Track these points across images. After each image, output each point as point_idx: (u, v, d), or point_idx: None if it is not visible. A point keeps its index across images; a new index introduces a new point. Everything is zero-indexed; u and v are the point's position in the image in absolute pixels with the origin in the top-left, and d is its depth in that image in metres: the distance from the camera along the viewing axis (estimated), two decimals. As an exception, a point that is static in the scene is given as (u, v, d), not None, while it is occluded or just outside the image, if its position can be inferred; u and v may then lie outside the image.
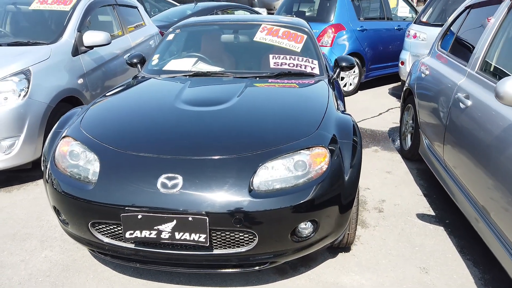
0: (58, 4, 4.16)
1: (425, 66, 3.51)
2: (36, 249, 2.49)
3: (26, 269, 2.30)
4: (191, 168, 1.87)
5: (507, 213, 1.89)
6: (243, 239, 1.87)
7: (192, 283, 2.21)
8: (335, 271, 2.31)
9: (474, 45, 2.76)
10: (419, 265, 2.37)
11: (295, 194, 1.86)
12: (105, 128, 2.19)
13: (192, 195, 1.79)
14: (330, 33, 6.00)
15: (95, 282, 2.20)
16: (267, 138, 2.07)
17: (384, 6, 6.73)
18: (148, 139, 2.07)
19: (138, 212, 1.77)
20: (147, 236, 1.81)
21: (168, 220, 1.77)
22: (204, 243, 1.80)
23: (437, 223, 2.82)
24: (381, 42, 6.57)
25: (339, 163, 2.05)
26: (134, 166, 1.90)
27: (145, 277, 2.25)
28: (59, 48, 3.70)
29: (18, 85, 3.20)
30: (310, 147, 2.02)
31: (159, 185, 1.81)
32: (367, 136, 4.59)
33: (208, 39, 3.52)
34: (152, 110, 2.39)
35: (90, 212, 1.86)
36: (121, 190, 1.83)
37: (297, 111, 2.40)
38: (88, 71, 3.99)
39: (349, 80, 6.33)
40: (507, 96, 1.77)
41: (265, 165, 1.91)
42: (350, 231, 2.28)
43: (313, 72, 3.14)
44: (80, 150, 2.05)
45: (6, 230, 2.69)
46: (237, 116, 2.28)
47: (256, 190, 1.84)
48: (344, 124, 2.31)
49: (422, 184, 3.42)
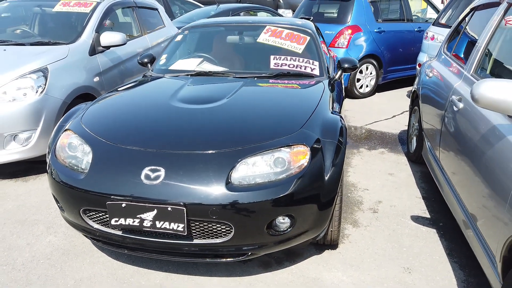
0: (79, 7, 4.40)
1: (430, 69, 3.49)
2: (42, 234, 2.68)
3: (30, 252, 2.50)
4: (173, 161, 1.99)
5: (490, 222, 1.90)
6: (220, 231, 1.97)
7: (179, 271, 2.33)
8: (318, 267, 2.37)
9: (473, 47, 2.74)
10: (403, 265, 2.39)
11: (271, 189, 1.94)
12: (102, 123, 2.35)
13: (172, 187, 1.91)
14: (346, 35, 6.00)
15: (90, 266, 2.36)
16: (249, 135, 2.16)
17: (405, 8, 6.66)
18: (138, 134, 2.21)
19: (122, 201, 1.91)
20: (131, 223, 1.94)
21: (149, 209, 1.90)
22: (182, 232, 1.91)
23: (430, 226, 2.82)
24: (399, 44, 6.50)
25: (320, 162, 2.12)
26: (121, 158, 2.04)
27: (137, 264, 2.39)
28: (76, 48, 3.93)
29: (36, 82, 3.43)
30: (291, 144, 2.10)
31: (142, 176, 1.94)
32: (376, 138, 4.59)
33: (214, 40, 3.65)
34: (147, 107, 2.53)
35: (81, 199, 2.01)
36: (108, 180, 1.98)
37: (285, 110, 2.47)
38: (104, 70, 4.20)
39: (365, 82, 6.31)
40: (482, 99, 1.78)
41: (245, 161, 2.00)
42: (333, 228, 2.33)
43: (312, 73, 3.20)
44: (78, 143, 2.22)
45: (18, 216, 2.91)
46: (225, 114, 2.38)
47: (234, 184, 1.94)
48: (331, 124, 2.37)
49: (423, 187, 3.40)
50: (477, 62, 2.56)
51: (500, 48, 2.40)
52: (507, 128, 1.87)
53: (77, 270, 2.33)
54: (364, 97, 6.38)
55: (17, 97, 3.35)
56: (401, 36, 6.53)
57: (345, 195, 3.24)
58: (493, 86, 1.75)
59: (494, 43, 2.48)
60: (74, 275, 2.29)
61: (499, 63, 2.43)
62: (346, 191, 3.32)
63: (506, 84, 1.73)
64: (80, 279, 2.26)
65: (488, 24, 2.61)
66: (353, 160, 3.95)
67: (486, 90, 1.76)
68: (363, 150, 4.23)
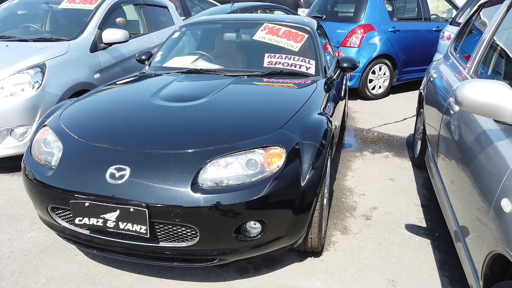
0: (84, 3, 4.42)
1: (435, 70, 3.30)
2: (25, 229, 2.68)
3: (10, 247, 2.49)
4: (140, 160, 1.92)
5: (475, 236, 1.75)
6: (186, 234, 1.89)
7: (152, 274, 2.26)
8: (297, 275, 2.26)
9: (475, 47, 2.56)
10: (388, 277, 2.25)
11: (240, 192, 1.84)
12: (79, 120, 2.31)
13: (136, 187, 1.84)
14: (359, 34, 5.82)
15: (65, 264, 2.33)
16: (223, 134, 2.07)
17: (422, 6, 6.40)
18: (111, 131, 2.15)
19: (86, 200, 1.86)
20: (95, 223, 1.88)
21: (112, 209, 1.84)
22: (144, 235, 1.84)
23: (425, 236, 2.65)
24: (416, 44, 6.25)
25: (297, 165, 2.01)
26: (89, 156, 1.99)
27: (111, 264, 2.34)
28: (77, 44, 3.94)
29: (33, 78, 3.45)
30: (266, 146, 2.00)
31: (107, 175, 1.89)
32: (382, 141, 4.41)
33: (211, 37, 3.58)
34: (127, 105, 2.48)
35: (47, 196, 1.97)
36: (73, 177, 1.93)
37: (267, 110, 2.37)
38: (106, 67, 4.20)
39: (378, 83, 6.10)
40: (466, 101, 1.63)
41: (215, 162, 1.91)
42: (312, 235, 2.21)
43: (307, 72, 3.08)
44: (52, 139, 2.18)
45: (6, 210, 2.92)
46: (203, 112, 2.30)
47: (201, 186, 1.85)
48: (315, 126, 2.25)
49: (424, 194, 3.22)
50: (477, 62, 2.38)
51: (502, 48, 2.22)
52: (493, 134, 1.71)
53: (51, 268, 2.30)
54: (376, 99, 6.18)
55: (14, 92, 3.38)
56: (418, 35, 6.28)
57: (339, 200, 3.10)
58: (477, 88, 1.60)
59: (496, 43, 2.30)
60: (47, 273, 2.26)
61: (501, 63, 2.25)
62: (341, 195, 3.18)
63: (491, 85, 1.58)
64: (52, 277, 2.23)
65: (490, 22, 2.43)
66: (354, 164, 3.80)
67: (470, 92, 1.61)
68: (366, 153, 4.07)
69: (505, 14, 2.27)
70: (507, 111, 1.55)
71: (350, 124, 5.00)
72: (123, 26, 4.77)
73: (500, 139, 1.66)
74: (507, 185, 1.45)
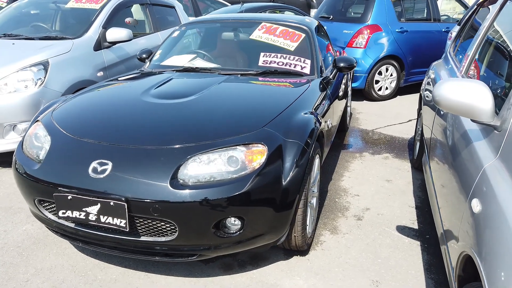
0: (90, 3, 4.51)
1: (433, 71, 3.26)
2: (21, 222, 2.75)
3: (4, 239, 2.56)
4: (122, 155, 1.96)
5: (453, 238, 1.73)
6: (165, 229, 1.91)
7: (138, 268, 2.30)
8: (281, 274, 2.26)
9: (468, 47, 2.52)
10: (373, 278, 2.23)
11: (219, 188, 1.86)
12: (69, 116, 2.36)
13: (116, 181, 1.88)
14: (365, 34, 5.77)
15: (55, 257, 2.39)
16: (206, 131, 2.09)
17: (432, 7, 6.31)
18: (97, 127, 2.19)
19: (68, 193, 1.90)
20: (77, 216, 1.93)
21: (93, 203, 1.87)
22: (124, 228, 1.87)
23: (415, 238, 2.62)
24: (424, 44, 6.16)
25: (278, 163, 2.01)
26: (75, 150, 2.04)
27: (99, 257, 2.38)
28: (81, 43, 4.02)
29: (36, 75, 3.54)
30: (248, 143, 2.01)
31: (90, 169, 1.93)
32: (384, 143, 4.36)
33: (209, 36, 3.61)
34: (117, 102, 2.52)
35: (33, 189, 2.03)
36: (58, 171, 1.98)
37: (253, 108, 2.38)
38: (109, 65, 4.27)
39: (385, 84, 6.04)
40: (443, 100, 1.61)
41: (196, 158, 1.93)
42: (296, 233, 2.21)
43: (302, 72, 3.08)
44: (43, 134, 2.24)
45: (5, 203, 3.00)
46: (189, 109, 2.32)
47: (181, 181, 1.88)
48: (301, 125, 2.25)
49: (420, 196, 3.18)
50: (469, 62, 2.35)
51: (492, 48, 2.18)
52: (473, 134, 1.69)
53: (41, 260, 2.36)
54: (383, 100, 6.12)
55: (18, 89, 3.47)
56: (427, 36, 6.19)
57: (332, 200, 3.09)
58: (454, 87, 1.58)
59: (487, 43, 2.26)
60: (37, 265, 2.32)
61: (491, 64, 2.21)
62: (335, 196, 3.16)
63: (468, 85, 1.55)
64: (41, 268, 2.28)
65: (483, 22, 2.39)
66: (352, 164, 3.78)
67: (447, 91, 1.60)
68: (366, 154, 4.04)
69: (497, 14, 2.24)
70: (483, 111, 1.53)
71: (353, 125, 4.97)
72: (133, 26, 4.86)
73: (477, 139, 1.64)
74: (479, 185, 1.43)
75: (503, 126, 1.48)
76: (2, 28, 4.42)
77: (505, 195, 1.25)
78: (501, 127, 1.48)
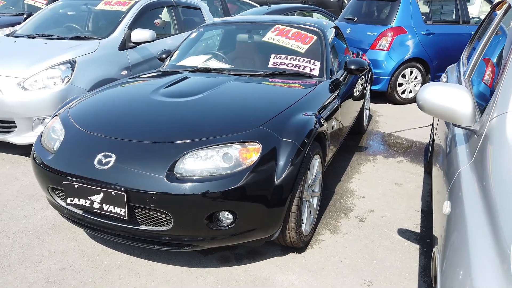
0: (118, 5, 4.75)
1: (445, 74, 3.23)
2: (42, 209, 2.97)
3: (25, 223, 2.78)
4: (125, 149, 2.10)
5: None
6: (162, 219, 2.04)
7: (142, 256, 2.44)
8: (275, 268, 2.34)
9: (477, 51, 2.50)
10: (365, 278, 2.27)
11: (211, 183, 1.96)
12: (84, 111, 2.54)
13: (118, 173, 2.02)
14: (389, 37, 5.72)
15: (67, 241, 2.57)
16: (205, 128, 2.20)
17: (460, 9, 6.16)
18: (106, 122, 2.35)
19: (75, 182, 2.07)
20: (83, 204, 2.09)
21: (97, 192, 2.03)
22: (123, 217, 2.02)
23: (415, 241, 2.62)
24: (451, 47, 6.02)
25: (272, 161, 2.09)
26: (84, 143, 2.20)
27: (107, 244, 2.55)
28: (107, 43, 4.26)
29: (63, 73, 3.79)
30: (243, 141, 2.10)
31: (96, 160, 2.08)
32: (399, 146, 4.33)
33: (224, 38, 3.72)
34: (128, 99, 2.68)
35: (46, 177, 2.21)
36: (67, 161, 2.15)
37: (254, 107, 2.47)
38: (133, 64, 4.49)
39: (408, 87, 5.96)
40: (426, 104, 1.64)
41: (193, 153, 2.05)
42: (290, 230, 2.28)
43: (311, 73, 3.13)
44: (59, 127, 2.43)
45: (29, 191, 3.25)
46: (193, 107, 2.44)
47: (176, 175, 1.99)
48: (299, 126, 2.31)
49: (428, 201, 3.16)
50: (472, 66, 2.33)
51: (491, 53, 2.16)
52: (457, 138, 1.71)
53: (55, 244, 2.55)
54: (406, 103, 6.04)
55: (47, 85, 3.72)
56: (454, 39, 6.05)
57: (337, 201, 3.13)
58: (436, 91, 1.61)
59: (490, 47, 2.25)
60: (51, 248, 2.51)
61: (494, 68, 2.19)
62: (341, 197, 3.20)
63: (449, 89, 1.58)
64: (54, 251, 2.47)
65: (490, 25, 2.37)
66: (364, 167, 3.79)
67: (430, 95, 1.63)
68: (379, 157, 4.03)
69: (501, 18, 2.22)
70: (463, 115, 1.55)
71: (371, 128, 4.95)
72: (161, 27, 5.09)
73: (460, 143, 1.66)
74: (452, 188, 1.46)
75: (481, 130, 1.49)
76: (38, 28, 4.73)
77: (469, 198, 1.28)
78: (479, 131, 1.50)
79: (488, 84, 1.95)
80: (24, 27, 4.80)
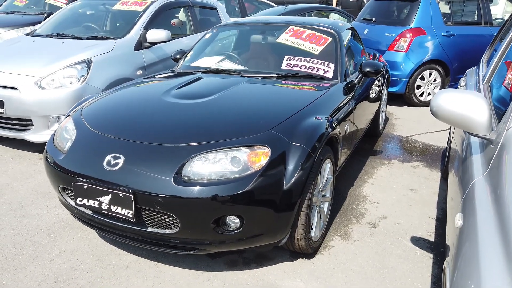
0: (135, 6, 4.79)
1: (464, 78, 3.13)
2: (55, 207, 3.01)
3: (38, 221, 2.82)
4: (133, 150, 2.10)
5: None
6: (169, 222, 2.03)
7: (150, 257, 2.44)
8: (283, 274, 2.31)
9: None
10: (375, 287, 2.21)
11: (218, 187, 1.94)
12: (96, 111, 2.56)
13: (127, 174, 2.02)
14: (407, 38, 5.60)
15: (78, 240, 2.60)
16: (214, 131, 2.18)
17: (483, 10, 5.98)
18: (117, 123, 2.36)
19: (85, 183, 2.07)
20: (92, 205, 2.09)
21: (105, 193, 2.03)
22: (131, 219, 2.01)
23: (429, 250, 2.55)
24: (472, 49, 5.84)
25: (281, 166, 2.06)
26: (94, 143, 2.21)
27: (117, 245, 2.56)
28: (122, 43, 4.29)
29: (79, 72, 3.83)
30: (252, 145, 2.07)
31: (105, 162, 2.09)
32: (416, 151, 4.23)
33: (238, 39, 3.70)
34: (140, 100, 2.68)
35: (57, 177, 2.23)
36: (77, 161, 2.16)
37: (265, 110, 2.44)
38: (148, 64, 4.51)
39: (427, 90, 5.83)
40: (439, 111, 1.58)
41: (201, 156, 2.03)
42: (299, 236, 2.24)
43: (325, 76, 3.08)
44: (71, 127, 2.45)
45: (44, 189, 3.29)
46: (204, 109, 2.42)
47: (184, 178, 1.98)
48: (310, 130, 2.27)
49: (443, 208, 3.07)
50: (492, 70, 2.25)
51: None
52: (472, 146, 1.64)
53: (66, 242, 2.57)
54: (424, 106, 5.90)
55: (63, 84, 3.77)
56: (476, 40, 5.87)
57: (349, 206, 3.07)
58: (451, 98, 1.55)
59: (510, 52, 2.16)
60: (61, 246, 2.53)
61: None
62: (353, 202, 3.14)
63: (465, 97, 1.52)
64: (64, 250, 2.50)
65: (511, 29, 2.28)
66: (378, 171, 3.71)
67: (445, 102, 1.57)
68: (395, 161, 3.95)
69: (523, 21, 2.13)
70: (479, 123, 1.49)
71: (387, 131, 4.86)
72: (178, 27, 5.11)
73: (476, 153, 1.59)
74: (466, 199, 1.40)
75: (497, 140, 1.43)
76: (57, 28, 4.81)
77: (482, 211, 1.23)
78: (495, 140, 1.44)
79: (509, 88, 1.87)
80: (43, 27, 4.88)
